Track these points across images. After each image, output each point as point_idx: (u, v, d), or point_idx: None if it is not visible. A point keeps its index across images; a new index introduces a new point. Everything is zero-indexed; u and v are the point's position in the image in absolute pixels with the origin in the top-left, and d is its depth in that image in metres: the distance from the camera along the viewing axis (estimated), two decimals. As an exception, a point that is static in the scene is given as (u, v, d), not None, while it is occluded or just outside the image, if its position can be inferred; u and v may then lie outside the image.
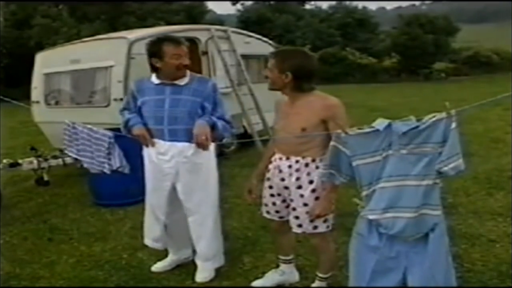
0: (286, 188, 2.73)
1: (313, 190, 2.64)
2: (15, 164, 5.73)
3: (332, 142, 2.38)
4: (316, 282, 2.92)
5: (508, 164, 5.82)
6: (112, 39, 6.82)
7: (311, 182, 2.63)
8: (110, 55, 6.09)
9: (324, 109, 2.57)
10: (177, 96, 2.98)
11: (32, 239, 4.20)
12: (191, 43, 3.63)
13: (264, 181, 2.87)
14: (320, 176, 2.54)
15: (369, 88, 22.27)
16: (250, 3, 38.76)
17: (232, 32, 7.76)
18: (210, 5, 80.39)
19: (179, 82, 3.00)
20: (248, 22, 33.11)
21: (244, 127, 7.31)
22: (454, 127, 2.11)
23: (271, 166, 2.81)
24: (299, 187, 2.66)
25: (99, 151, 4.53)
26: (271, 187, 2.83)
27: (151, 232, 3.33)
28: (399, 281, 2.32)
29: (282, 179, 2.73)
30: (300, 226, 2.72)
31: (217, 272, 3.25)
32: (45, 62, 7.00)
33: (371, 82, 25.66)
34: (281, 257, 3.09)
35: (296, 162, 2.66)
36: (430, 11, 38.94)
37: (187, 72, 3.04)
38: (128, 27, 17.11)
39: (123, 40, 6.11)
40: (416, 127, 2.18)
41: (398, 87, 21.89)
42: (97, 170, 4.60)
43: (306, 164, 2.64)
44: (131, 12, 24.46)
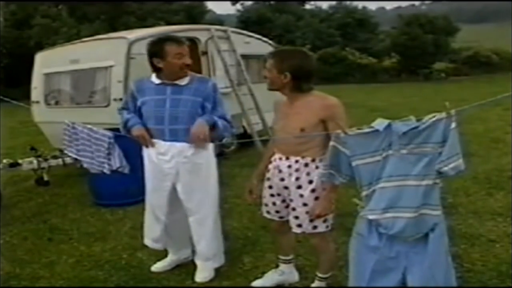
0: (286, 188, 2.73)
1: (312, 190, 2.64)
2: (15, 164, 5.74)
3: (332, 142, 2.38)
4: (316, 282, 2.92)
5: (508, 164, 5.82)
6: (112, 39, 6.82)
7: (311, 182, 2.63)
8: (110, 55, 6.09)
9: (323, 109, 2.57)
10: (178, 96, 2.98)
11: (32, 239, 4.20)
12: (191, 43, 3.62)
13: (264, 181, 2.88)
14: (320, 176, 2.54)
15: (369, 88, 22.25)
16: (250, 3, 38.86)
17: (232, 32, 7.76)
18: (210, 5, 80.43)
19: (180, 82, 3.00)
20: (248, 22, 33.13)
21: (244, 127, 7.31)
22: (454, 127, 2.11)
23: (271, 166, 2.81)
24: (299, 187, 2.66)
25: (99, 151, 4.54)
26: (271, 187, 2.83)
27: (151, 232, 3.33)
28: (399, 281, 2.32)
29: (282, 179, 2.73)
30: (299, 226, 2.72)
31: (217, 272, 3.25)
32: (45, 62, 7.01)
33: (371, 82, 25.64)
34: (281, 257, 3.09)
35: (296, 162, 2.66)
36: (430, 11, 38.89)
37: (188, 72, 3.04)
38: (128, 27, 17.11)
39: (123, 40, 6.12)
40: (416, 127, 2.18)
41: (398, 87, 21.86)
42: (97, 170, 4.60)
43: (306, 164, 2.64)
44: (131, 12, 24.46)
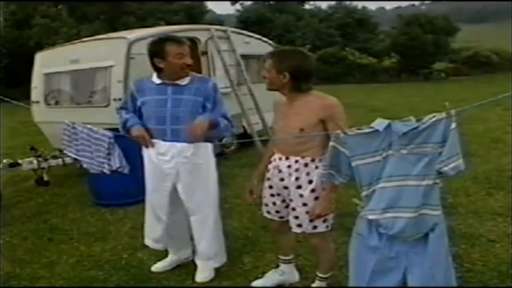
0: (286, 188, 2.73)
1: (312, 190, 2.64)
2: (15, 164, 5.74)
3: (331, 143, 2.38)
4: (316, 282, 2.92)
5: (508, 164, 5.82)
6: (111, 39, 6.82)
7: (311, 182, 2.63)
8: (110, 55, 6.09)
9: (323, 108, 2.57)
10: (179, 96, 2.97)
11: (32, 239, 4.20)
12: (191, 43, 3.61)
13: (264, 181, 2.88)
14: (319, 176, 2.54)
15: (369, 88, 22.26)
16: (249, 3, 38.91)
17: (232, 32, 7.75)
18: (210, 5, 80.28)
19: (181, 82, 3.00)
20: (247, 22, 33.15)
21: (243, 127, 7.31)
22: (454, 127, 2.11)
23: (271, 166, 2.81)
24: (299, 187, 2.66)
25: (99, 151, 4.54)
26: (271, 187, 2.83)
27: (152, 232, 3.32)
28: (399, 281, 2.32)
29: (282, 179, 2.73)
30: (299, 226, 2.72)
31: (217, 272, 3.25)
32: (45, 62, 7.00)
33: (371, 82, 25.65)
34: (281, 257, 3.09)
35: (296, 162, 2.66)
36: (430, 11, 38.95)
37: (189, 72, 3.04)
38: (128, 27, 17.11)
39: (122, 40, 6.11)
40: (416, 127, 2.18)
41: (398, 87, 21.87)
42: (96, 170, 4.60)
43: (305, 164, 2.64)
44: (131, 12, 24.48)
